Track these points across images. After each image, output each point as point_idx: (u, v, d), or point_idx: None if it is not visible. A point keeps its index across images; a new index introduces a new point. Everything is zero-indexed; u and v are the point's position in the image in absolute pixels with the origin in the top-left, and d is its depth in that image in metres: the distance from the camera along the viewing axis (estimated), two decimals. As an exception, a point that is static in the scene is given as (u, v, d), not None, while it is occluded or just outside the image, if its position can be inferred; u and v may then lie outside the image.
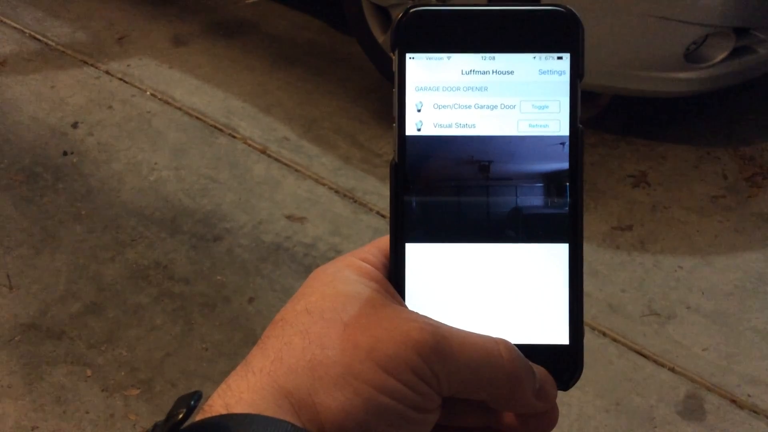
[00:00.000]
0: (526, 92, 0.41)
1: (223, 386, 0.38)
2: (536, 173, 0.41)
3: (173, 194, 2.27)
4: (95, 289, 1.99)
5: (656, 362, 1.80)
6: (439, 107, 0.41)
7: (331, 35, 3.00)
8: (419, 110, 0.41)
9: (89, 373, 1.79)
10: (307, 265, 2.03)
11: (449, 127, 0.41)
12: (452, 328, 0.38)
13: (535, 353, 0.40)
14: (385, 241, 0.43)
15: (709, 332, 1.88)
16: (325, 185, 2.30)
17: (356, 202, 2.24)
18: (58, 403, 1.72)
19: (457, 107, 0.41)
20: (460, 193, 0.41)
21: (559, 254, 0.41)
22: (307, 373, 0.36)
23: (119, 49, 2.93)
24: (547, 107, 0.41)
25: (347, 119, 2.57)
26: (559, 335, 0.41)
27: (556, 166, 0.41)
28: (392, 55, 0.42)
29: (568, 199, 0.41)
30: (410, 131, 0.41)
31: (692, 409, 1.72)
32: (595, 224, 2.14)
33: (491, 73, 0.41)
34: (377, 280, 0.40)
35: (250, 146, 2.45)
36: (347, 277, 0.40)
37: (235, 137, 2.48)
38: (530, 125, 0.41)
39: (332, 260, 0.42)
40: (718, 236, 2.14)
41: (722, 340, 1.86)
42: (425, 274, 0.41)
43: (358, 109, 2.61)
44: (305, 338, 0.37)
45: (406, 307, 0.40)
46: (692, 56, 2.09)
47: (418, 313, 0.39)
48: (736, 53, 2.10)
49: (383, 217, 2.17)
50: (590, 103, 2.49)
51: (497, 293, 0.41)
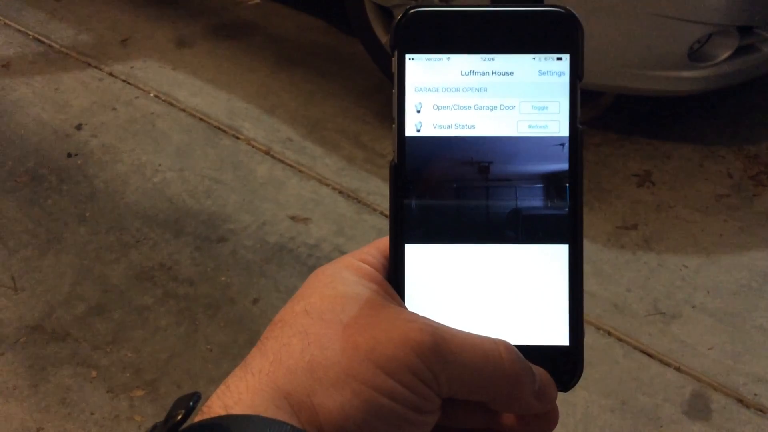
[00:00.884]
0: (525, 93, 0.41)
1: (222, 387, 0.38)
2: (536, 174, 0.41)
3: (177, 195, 2.28)
4: (100, 290, 1.99)
5: (662, 361, 1.80)
6: (438, 108, 0.41)
7: (334, 36, 3.00)
8: (419, 111, 0.41)
9: (94, 374, 1.79)
10: (311, 265, 2.03)
11: (449, 128, 0.41)
12: (452, 329, 0.38)
13: (535, 354, 0.40)
14: (384, 242, 0.43)
15: (714, 331, 1.87)
16: (328, 186, 2.30)
17: (360, 202, 2.24)
18: (63, 404, 1.73)
19: (456, 108, 0.41)
20: (459, 194, 0.41)
21: (559, 255, 0.41)
22: (306, 374, 0.36)
23: (123, 51, 2.93)
24: (546, 108, 0.41)
25: (351, 120, 2.57)
26: (559, 336, 0.41)
27: (555, 167, 0.41)
28: (392, 55, 0.42)
29: (567, 200, 0.41)
30: (410, 132, 0.41)
31: (698, 408, 1.71)
32: (599, 223, 2.14)
33: (491, 74, 0.41)
34: (376, 281, 0.40)
35: (253, 147, 2.45)
36: (346, 278, 0.40)
37: (238, 138, 2.48)
38: (530, 126, 0.41)
39: (331, 261, 0.42)
40: (723, 235, 2.14)
41: (728, 339, 1.85)
42: (425, 275, 0.41)
43: (361, 109, 2.61)
44: (304, 339, 0.37)
45: (405, 308, 0.40)
46: (696, 55, 2.08)
47: (417, 314, 0.39)
48: (740, 52, 2.10)
49: (387, 217, 2.16)
50: (594, 102, 2.48)
51: (497, 294, 0.41)
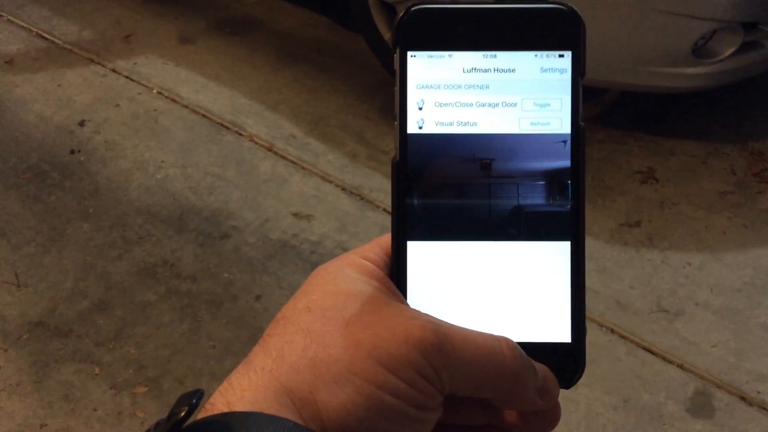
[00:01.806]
0: (527, 90, 0.41)
1: (225, 384, 0.38)
2: (538, 171, 0.41)
3: (180, 192, 2.28)
4: (103, 287, 1.99)
5: (665, 359, 1.80)
6: (440, 105, 0.41)
7: (337, 32, 3.00)
8: (421, 108, 0.41)
9: (97, 370, 1.80)
10: (313, 262, 2.03)
11: (451, 125, 0.41)
12: (454, 326, 0.38)
13: (537, 351, 0.40)
14: (386, 239, 0.43)
15: (718, 329, 1.87)
16: (331, 182, 2.30)
17: (363, 199, 2.24)
18: (66, 400, 1.73)
19: (458, 105, 0.41)
20: (461, 191, 0.41)
21: (561, 252, 0.41)
22: (308, 371, 0.36)
23: (126, 47, 2.93)
24: (548, 105, 0.41)
25: (354, 116, 2.57)
26: (561, 333, 0.41)
27: (557, 164, 0.41)
28: (394, 52, 0.42)
29: (569, 196, 0.41)
30: (412, 129, 0.41)
31: (701, 406, 1.71)
32: (602, 221, 2.14)
33: (493, 71, 0.41)
34: (379, 278, 0.40)
35: (256, 144, 2.45)
36: (349, 275, 0.40)
37: (241, 135, 2.48)
38: (532, 123, 0.41)
39: (334, 259, 0.42)
40: (726, 232, 2.13)
41: (731, 336, 1.85)
42: (427, 272, 0.41)
43: (364, 106, 2.61)
44: (307, 336, 0.37)
45: (407, 305, 0.40)
46: (700, 51, 2.08)
47: (419, 311, 0.39)
48: (744, 48, 2.09)
49: (390, 214, 2.16)
50: (597, 99, 2.48)
51: (499, 291, 0.41)
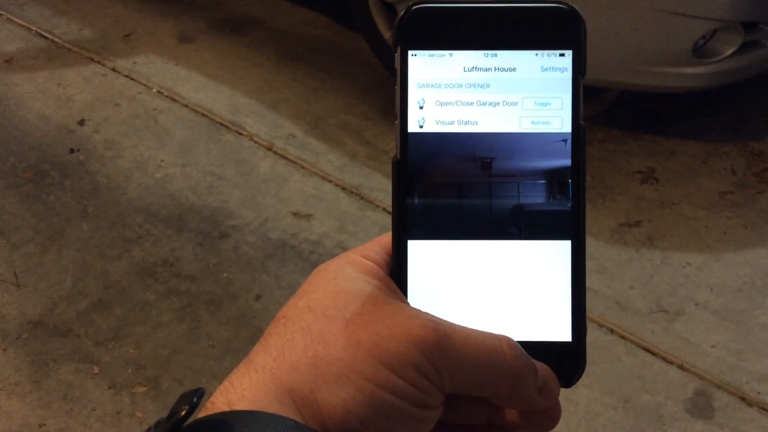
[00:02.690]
0: (528, 89, 0.41)
1: (225, 383, 0.38)
2: (538, 170, 0.41)
3: (180, 191, 2.28)
4: (102, 286, 1.99)
5: (664, 359, 1.80)
6: (441, 104, 0.41)
7: (337, 32, 3.00)
8: (421, 107, 0.41)
9: (96, 370, 1.79)
10: (313, 262, 2.03)
11: (451, 124, 0.41)
12: (455, 325, 0.38)
13: (537, 350, 0.40)
14: (387, 238, 0.43)
15: (718, 329, 1.87)
16: (331, 182, 2.30)
17: (363, 198, 2.24)
18: (65, 400, 1.73)
19: (459, 104, 0.41)
20: (462, 190, 0.41)
21: (561, 251, 0.41)
22: (309, 369, 0.36)
23: (125, 46, 2.93)
24: (549, 104, 0.41)
25: (354, 116, 2.57)
26: (561, 332, 0.41)
27: (558, 163, 0.41)
28: (395, 52, 0.42)
29: (570, 195, 0.41)
30: (412, 128, 0.41)
31: (701, 406, 1.71)
32: (602, 220, 2.14)
33: (493, 70, 0.41)
34: (379, 277, 0.40)
35: (256, 143, 2.45)
36: (349, 274, 0.40)
37: (241, 134, 2.48)
38: (532, 122, 0.41)
39: (334, 258, 0.42)
40: (726, 232, 2.13)
41: (731, 336, 1.85)
42: (427, 271, 0.41)
43: (364, 105, 2.61)
44: (307, 335, 0.37)
45: (408, 304, 0.40)
46: (700, 51, 2.08)
47: (420, 310, 0.39)
48: (744, 48, 2.09)
49: (390, 214, 2.16)
50: (597, 98, 2.48)
51: (500, 290, 0.41)
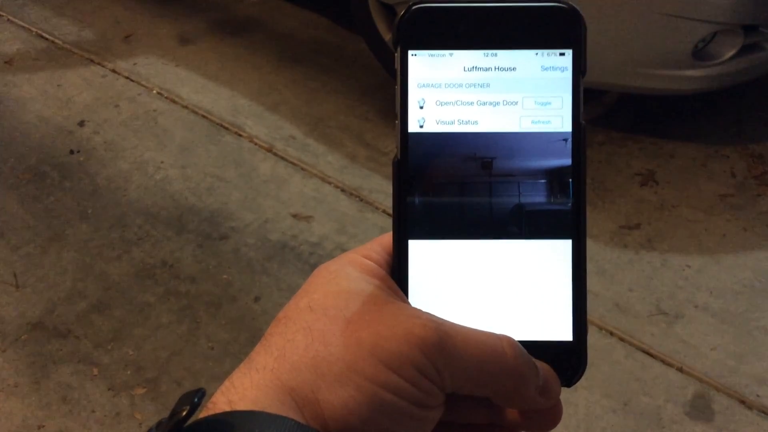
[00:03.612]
0: (528, 89, 0.41)
1: (226, 383, 0.38)
2: (539, 170, 0.41)
3: (179, 193, 2.28)
4: (101, 287, 1.99)
5: (664, 362, 1.80)
6: (441, 104, 0.41)
7: (337, 33, 3.00)
8: (422, 107, 0.41)
9: (95, 372, 1.79)
10: (313, 263, 2.03)
11: (452, 123, 0.41)
12: (455, 324, 0.38)
13: (538, 350, 0.40)
14: (387, 238, 0.43)
15: (717, 332, 1.87)
16: (331, 184, 2.30)
17: (362, 200, 2.24)
18: (64, 401, 1.73)
19: (459, 104, 0.41)
20: (462, 189, 0.41)
21: (562, 250, 0.41)
22: (310, 370, 0.36)
23: (126, 47, 2.93)
24: (549, 104, 0.41)
25: (353, 117, 2.57)
26: (562, 332, 0.41)
27: (558, 162, 0.41)
28: (395, 52, 0.42)
29: (571, 195, 0.41)
30: (413, 128, 0.41)
31: (700, 409, 1.71)
32: (602, 223, 2.14)
33: (493, 69, 0.41)
34: (380, 277, 0.40)
35: (256, 145, 2.45)
36: (350, 274, 0.40)
37: (241, 136, 2.48)
38: (533, 122, 0.41)
39: (335, 258, 0.42)
40: (726, 235, 2.13)
41: (731, 339, 1.85)
42: (428, 270, 0.41)
43: (364, 107, 2.61)
44: (308, 335, 0.37)
45: (408, 304, 0.40)
46: (701, 54, 2.08)
47: (420, 310, 0.39)
48: (744, 51, 2.09)
49: (390, 215, 2.16)
50: (597, 101, 2.48)
51: (500, 290, 0.41)
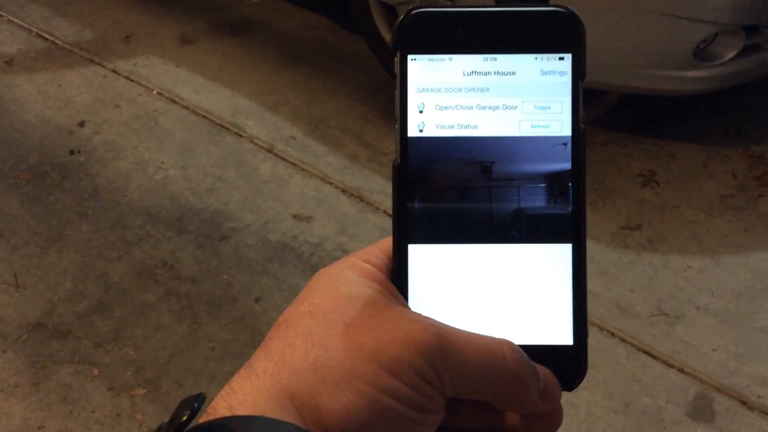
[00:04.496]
0: (527, 93, 0.41)
1: (226, 388, 0.38)
2: (539, 174, 0.41)
3: (180, 193, 2.28)
4: (102, 288, 1.99)
5: (665, 363, 1.79)
6: (441, 108, 0.41)
7: (338, 34, 3.00)
8: (421, 111, 0.41)
9: (96, 372, 1.79)
10: (313, 264, 2.03)
11: (451, 128, 0.41)
12: (455, 329, 0.38)
13: (539, 354, 0.40)
14: (387, 242, 0.43)
15: (718, 332, 1.87)
16: (331, 184, 2.30)
17: (363, 201, 2.24)
18: (64, 402, 1.73)
19: (459, 108, 0.41)
20: (462, 194, 0.41)
21: (562, 254, 0.41)
22: (310, 374, 0.36)
23: (126, 47, 2.93)
24: (549, 108, 0.41)
25: (354, 118, 2.57)
26: (563, 336, 0.41)
27: (558, 166, 0.41)
28: (394, 56, 0.42)
29: (570, 199, 0.41)
30: (412, 132, 0.41)
31: (701, 410, 1.71)
32: (603, 223, 2.14)
33: (493, 74, 0.41)
34: (380, 281, 0.40)
35: (256, 145, 2.45)
36: (350, 278, 0.40)
37: (241, 136, 2.48)
38: (532, 126, 0.41)
39: (335, 262, 0.42)
40: (727, 236, 2.13)
41: (732, 340, 1.85)
42: (428, 275, 0.41)
43: (365, 107, 2.61)
44: (308, 340, 0.37)
45: (408, 308, 0.40)
46: (702, 54, 2.08)
47: (420, 314, 0.39)
48: (745, 51, 2.09)
49: (390, 216, 2.16)
50: (598, 101, 2.48)
51: (501, 294, 0.41)
